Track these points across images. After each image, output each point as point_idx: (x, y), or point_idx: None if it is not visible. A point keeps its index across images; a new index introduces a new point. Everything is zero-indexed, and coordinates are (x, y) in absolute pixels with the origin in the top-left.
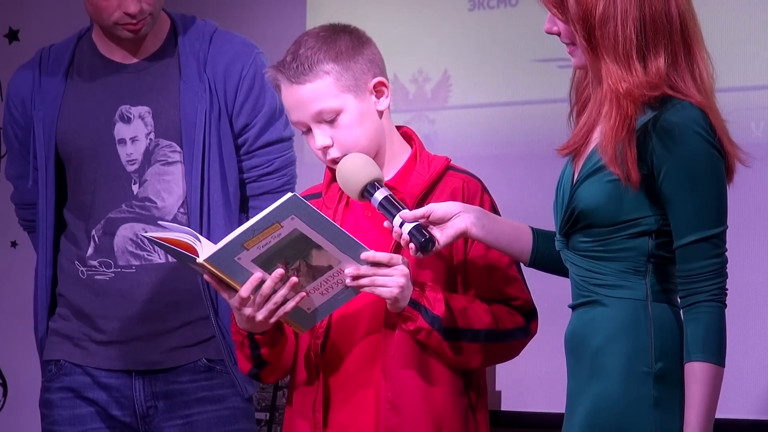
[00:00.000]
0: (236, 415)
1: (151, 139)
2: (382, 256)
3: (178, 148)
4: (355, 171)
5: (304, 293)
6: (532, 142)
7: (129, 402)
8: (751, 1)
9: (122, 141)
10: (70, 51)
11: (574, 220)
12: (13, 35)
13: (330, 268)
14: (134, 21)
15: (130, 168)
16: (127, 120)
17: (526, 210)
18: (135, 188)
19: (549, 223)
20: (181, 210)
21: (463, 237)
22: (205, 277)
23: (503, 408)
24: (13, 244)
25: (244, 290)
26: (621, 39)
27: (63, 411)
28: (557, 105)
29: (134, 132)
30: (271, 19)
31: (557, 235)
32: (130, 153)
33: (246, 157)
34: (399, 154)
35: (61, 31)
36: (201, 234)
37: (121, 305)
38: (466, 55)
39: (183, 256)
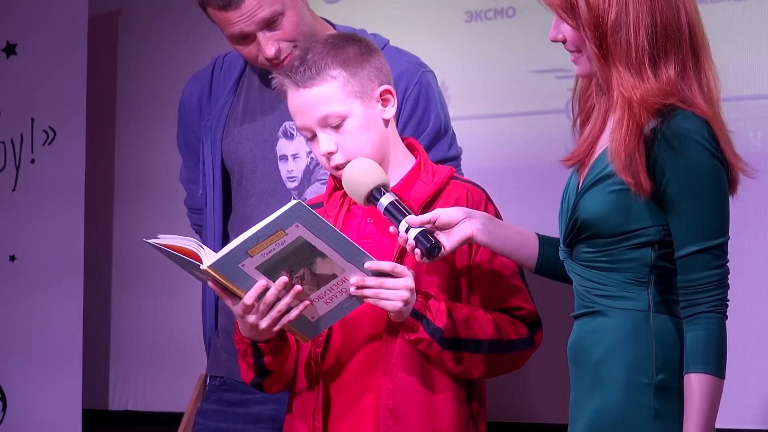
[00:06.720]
0: None
1: (312, 157)
2: (385, 265)
3: None
4: (361, 176)
5: (308, 302)
6: (530, 153)
7: (281, 416)
8: (748, 11)
9: (284, 157)
10: (243, 61)
11: (578, 230)
12: (10, 49)
13: (334, 276)
14: (278, 60)
15: (290, 185)
16: (290, 136)
17: (523, 221)
18: None
19: (545, 233)
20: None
21: (469, 243)
22: (209, 284)
23: (503, 420)
24: (12, 258)
25: (248, 297)
26: (633, 46)
27: (210, 422)
28: (555, 116)
29: (296, 149)
30: None
31: (561, 245)
32: (291, 170)
33: None
34: (403, 163)
35: (59, 44)
36: None
37: None
38: (463, 66)
39: (186, 262)
